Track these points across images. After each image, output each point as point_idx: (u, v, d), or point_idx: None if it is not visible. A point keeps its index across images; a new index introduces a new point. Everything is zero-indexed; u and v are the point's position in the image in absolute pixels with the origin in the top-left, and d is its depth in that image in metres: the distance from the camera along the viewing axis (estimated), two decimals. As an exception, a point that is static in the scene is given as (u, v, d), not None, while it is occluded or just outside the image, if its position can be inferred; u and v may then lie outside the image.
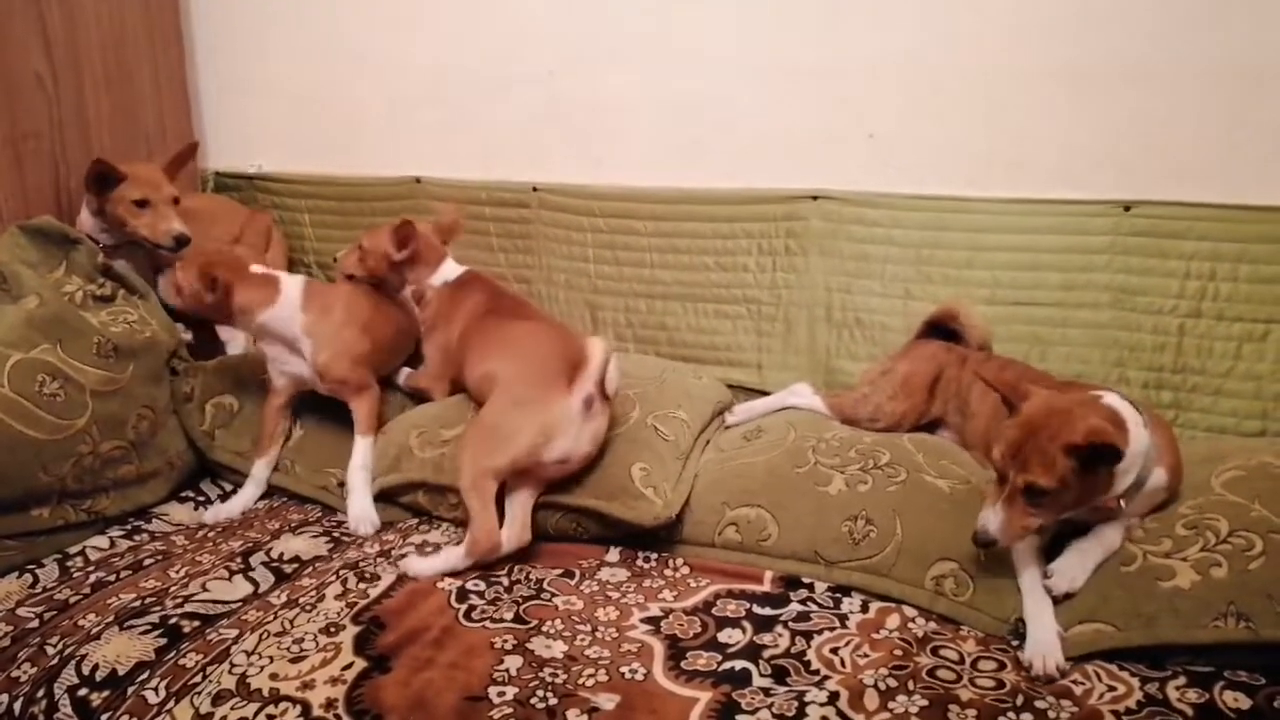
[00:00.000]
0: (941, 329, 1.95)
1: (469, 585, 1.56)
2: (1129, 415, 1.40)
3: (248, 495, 1.92)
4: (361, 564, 1.64)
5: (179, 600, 1.54)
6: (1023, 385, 1.46)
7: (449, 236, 2.11)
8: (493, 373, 1.77)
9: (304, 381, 1.92)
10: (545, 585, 1.56)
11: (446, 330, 1.98)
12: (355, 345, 1.89)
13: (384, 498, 1.85)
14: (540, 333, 1.85)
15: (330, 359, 1.87)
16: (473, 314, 1.95)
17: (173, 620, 1.48)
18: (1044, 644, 1.35)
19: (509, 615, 1.48)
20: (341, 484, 1.87)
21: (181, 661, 1.39)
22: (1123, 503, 1.43)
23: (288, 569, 1.65)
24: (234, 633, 1.45)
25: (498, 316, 1.92)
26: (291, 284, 1.90)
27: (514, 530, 1.64)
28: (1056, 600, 1.42)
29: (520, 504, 1.66)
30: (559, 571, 1.61)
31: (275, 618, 1.48)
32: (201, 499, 1.97)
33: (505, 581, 1.58)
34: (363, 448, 1.86)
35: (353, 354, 1.89)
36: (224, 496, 1.96)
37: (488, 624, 1.45)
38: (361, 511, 1.81)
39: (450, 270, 2.05)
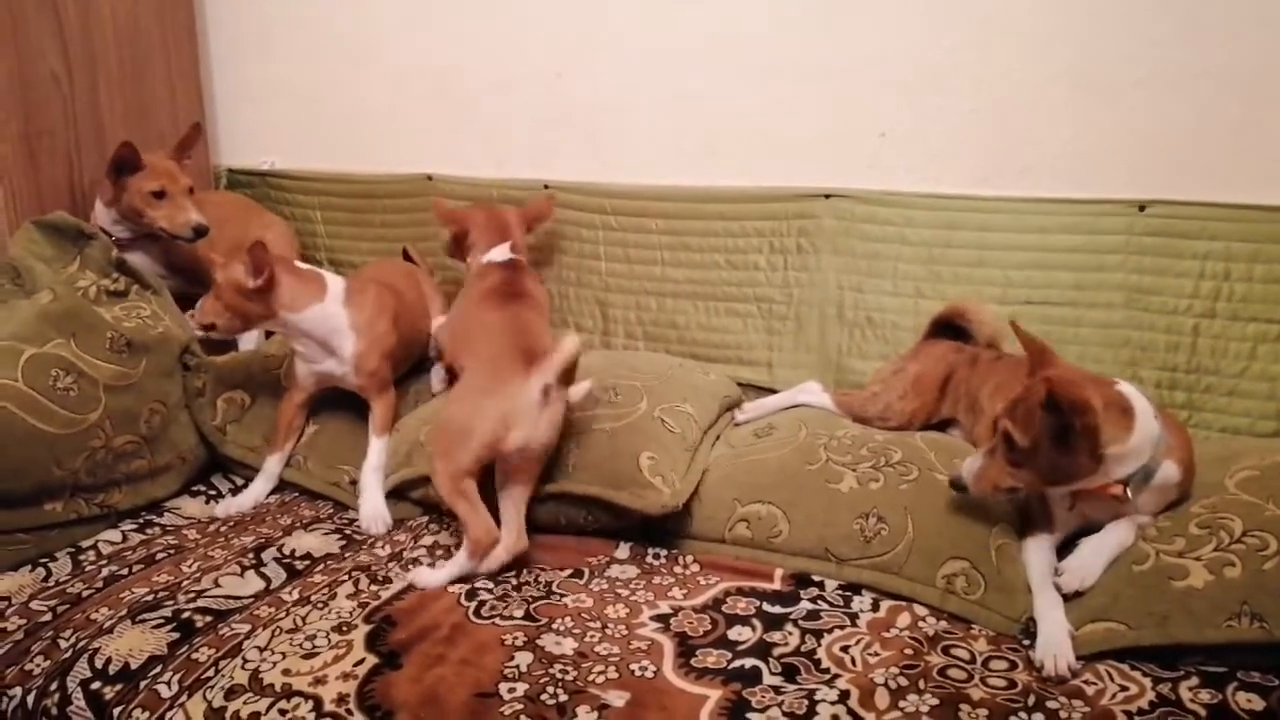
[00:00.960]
0: (950, 327, 1.95)
1: (479, 584, 1.56)
2: (1139, 404, 1.40)
3: (259, 489, 1.92)
4: (373, 567, 1.64)
5: (191, 595, 1.54)
6: (1050, 353, 1.46)
7: (535, 223, 2.16)
8: (462, 361, 1.79)
9: (331, 379, 1.92)
10: (555, 587, 1.56)
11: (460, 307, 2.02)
12: (386, 339, 1.91)
13: (396, 493, 1.85)
14: (505, 322, 1.80)
15: (367, 352, 1.87)
16: (474, 297, 1.96)
17: (185, 615, 1.48)
18: (1055, 643, 1.35)
19: (519, 613, 1.48)
20: (354, 482, 1.87)
21: (194, 656, 1.39)
22: (1129, 492, 1.42)
23: (299, 565, 1.65)
24: (246, 628, 1.45)
25: (486, 303, 1.90)
26: (333, 280, 1.89)
27: (510, 537, 1.62)
28: (1067, 598, 1.41)
29: (513, 508, 1.65)
30: (568, 572, 1.61)
31: (287, 614, 1.49)
32: (213, 493, 1.97)
33: (514, 581, 1.58)
34: (378, 448, 1.86)
35: (384, 347, 1.90)
36: (235, 491, 1.96)
37: (498, 620, 1.46)
38: (374, 510, 1.81)
39: (498, 254, 2.05)
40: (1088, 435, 1.35)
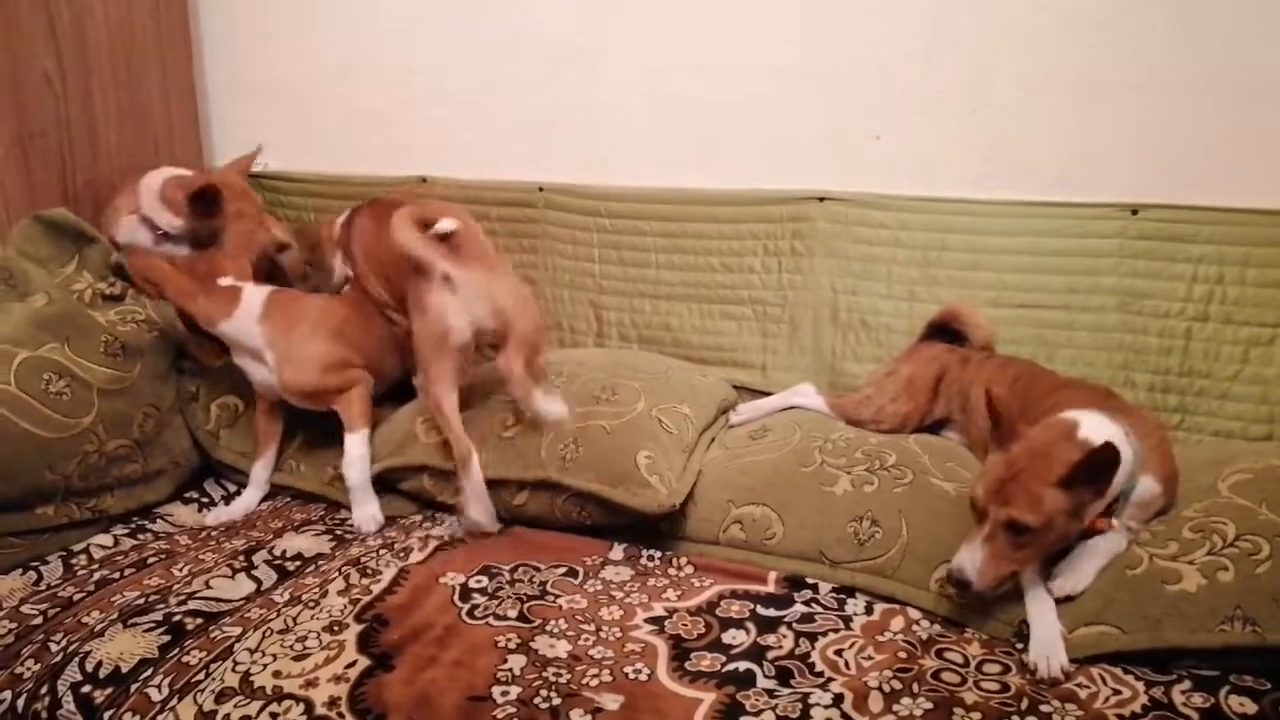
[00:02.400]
0: (945, 330, 1.95)
1: (472, 583, 1.55)
2: (1112, 436, 1.39)
3: (249, 499, 1.92)
4: (364, 559, 1.64)
5: (182, 598, 1.54)
6: (1019, 426, 1.43)
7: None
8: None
9: (275, 391, 1.89)
10: (549, 587, 1.56)
11: None
12: (326, 355, 1.85)
13: (387, 485, 1.85)
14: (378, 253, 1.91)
15: (294, 373, 1.84)
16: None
17: (176, 618, 1.48)
18: (1047, 644, 1.35)
19: (513, 614, 1.48)
20: (338, 476, 1.86)
21: (185, 659, 1.39)
22: (1114, 521, 1.43)
23: (290, 567, 1.65)
24: (237, 630, 1.45)
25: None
26: (254, 295, 1.86)
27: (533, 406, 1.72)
28: (1058, 603, 1.41)
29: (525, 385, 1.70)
30: (562, 570, 1.61)
31: (278, 615, 1.48)
32: (205, 499, 1.97)
33: (508, 579, 1.58)
34: (355, 441, 1.83)
35: (323, 363, 1.85)
36: (228, 498, 1.96)
37: (491, 621, 1.45)
38: (364, 510, 1.81)
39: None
40: (1101, 485, 1.36)
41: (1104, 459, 1.33)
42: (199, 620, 1.48)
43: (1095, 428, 1.41)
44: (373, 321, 1.96)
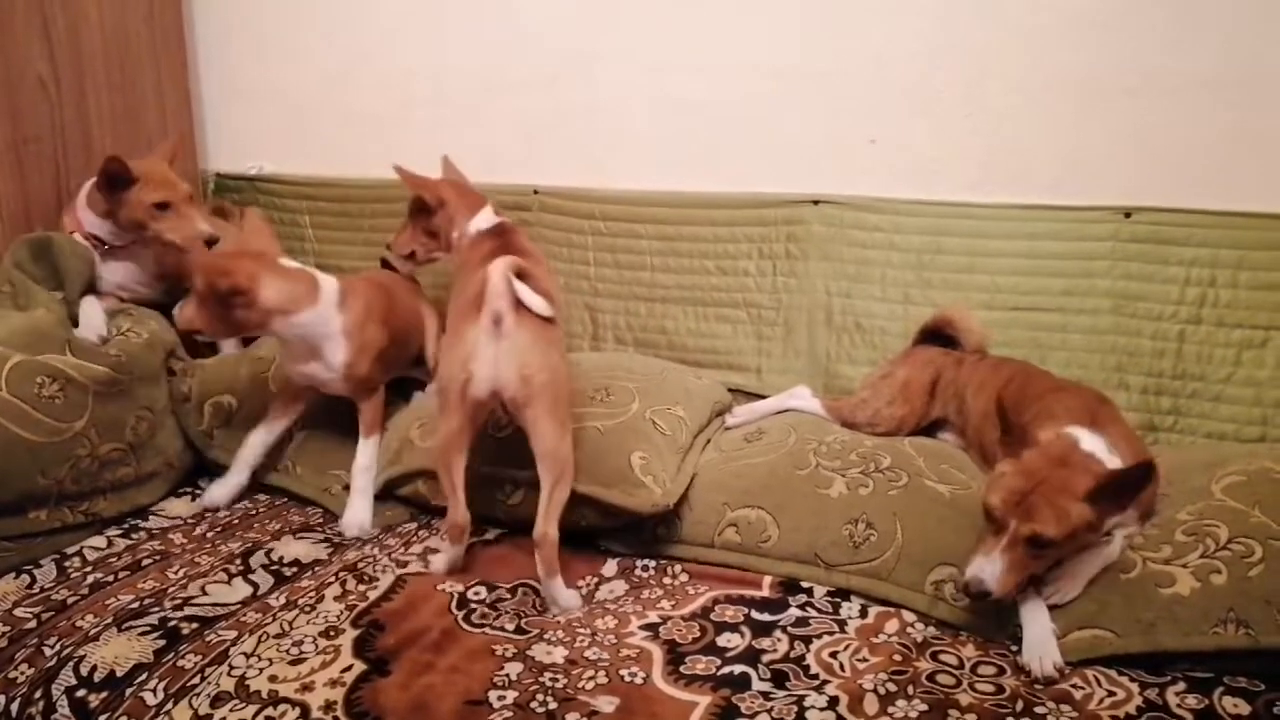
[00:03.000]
0: (938, 335, 1.96)
1: (470, 594, 1.55)
2: (1101, 455, 1.41)
3: (239, 478, 1.90)
4: (360, 565, 1.64)
5: (178, 602, 1.53)
6: (1031, 432, 1.45)
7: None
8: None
9: (318, 383, 1.85)
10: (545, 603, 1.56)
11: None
12: (377, 341, 1.85)
13: (385, 492, 1.85)
14: (473, 278, 1.67)
15: (356, 357, 1.81)
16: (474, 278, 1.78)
17: (172, 622, 1.47)
18: (1040, 644, 1.36)
19: (510, 626, 1.47)
20: (345, 487, 1.85)
21: (180, 663, 1.38)
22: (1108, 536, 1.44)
23: (288, 572, 1.65)
24: (233, 634, 1.44)
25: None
26: (325, 281, 1.80)
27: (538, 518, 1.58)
28: (1050, 607, 1.42)
29: (539, 466, 1.56)
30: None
31: (274, 619, 1.48)
32: (199, 495, 1.95)
33: (506, 595, 1.57)
34: (368, 448, 1.84)
35: (375, 350, 1.84)
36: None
37: (488, 629, 1.45)
38: (356, 515, 1.80)
39: (484, 220, 1.86)
40: (1121, 505, 1.37)
41: (1137, 474, 1.34)
42: (194, 624, 1.47)
43: (1088, 444, 1.42)
44: (404, 307, 1.97)
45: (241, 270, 1.68)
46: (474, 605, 1.51)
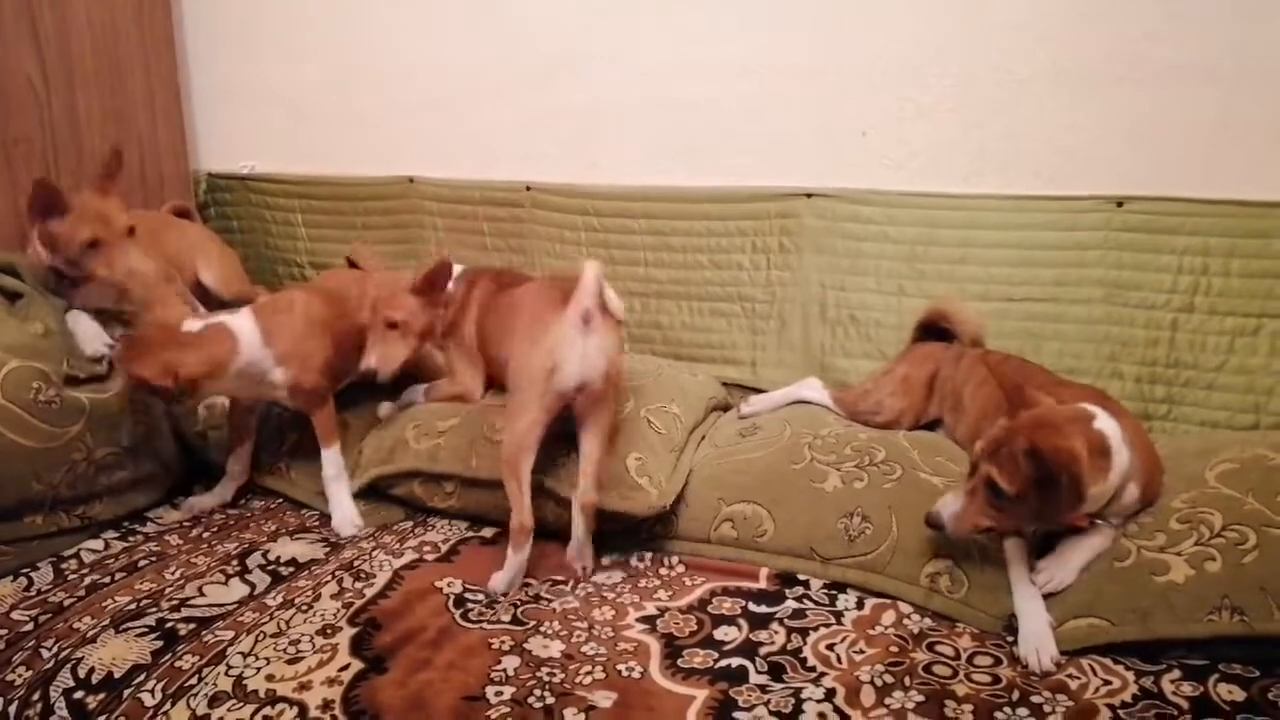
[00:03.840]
0: (934, 329, 1.96)
1: (465, 590, 1.55)
2: (1113, 438, 1.40)
3: (224, 491, 1.91)
4: (357, 563, 1.64)
5: (175, 603, 1.54)
6: (1030, 392, 1.46)
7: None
8: (509, 338, 1.72)
9: (269, 400, 1.87)
10: (542, 594, 1.56)
11: (465, 325, 1.93)
12: (319, 354, 1.81)
13: (377, 492, 1.85)
14: (539, 284, 1.80)
15: (299, 377, 1.79)
16: (483, 300, 1.91)
17: (169, 623, 1.47)
18: (1036, 636, 1.36)
19: (506, 618, 1.48)
20: (320, 493, 1.86)
21: (178, 664, 1.38)
22: (1098, 521, 1.44)
23: (284, 571, 1.65)
24: (230, 634, 1.44)
25: (502, 290, 1.88)
26: (242, 326, 1.74)
27: (581, 487, 1.61)
28: (1045, 596, 1.42)
29: (586, 459, 1.62)
30: (556, 579, 1.61)
31: (271, 619, 1.48)
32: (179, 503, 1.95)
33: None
34: (331, 458, 1.83)
35: (318, 364, 1.81)
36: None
37: (485, 625, 1.45)
38: (342, 515, 1.81)
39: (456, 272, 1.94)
40: (1074, 486, 1.35)
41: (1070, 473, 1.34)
42: (191, 625, 1.47)
43: (1106, 424, 1.41)
44: (343, 314, 1.89)
45: (151, 368, 1.62)
46: (470, 604, 1.51)
